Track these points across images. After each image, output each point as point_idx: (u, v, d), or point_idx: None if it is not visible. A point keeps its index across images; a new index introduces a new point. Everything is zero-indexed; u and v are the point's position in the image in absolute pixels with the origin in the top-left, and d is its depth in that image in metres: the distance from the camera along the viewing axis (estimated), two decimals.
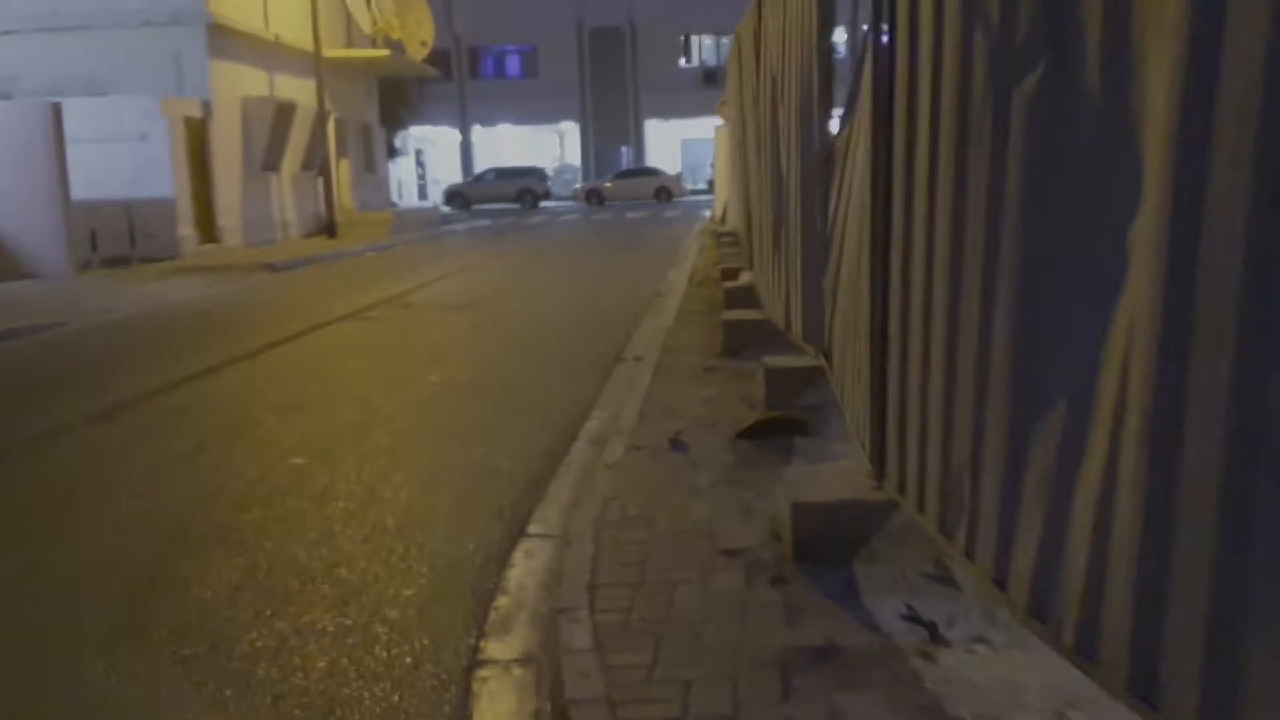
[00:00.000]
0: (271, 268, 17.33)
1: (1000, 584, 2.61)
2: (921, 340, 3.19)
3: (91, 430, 6.54)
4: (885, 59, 3.49)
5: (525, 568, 3.91)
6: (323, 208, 24.23)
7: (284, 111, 22.77)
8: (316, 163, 24.17)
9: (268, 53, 22.89)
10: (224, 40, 20.82)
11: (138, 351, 9.76)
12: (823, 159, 5.46)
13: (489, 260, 19.16)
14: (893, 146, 3.45)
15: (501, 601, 3.61)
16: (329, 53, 24.59)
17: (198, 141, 20.13)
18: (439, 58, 35.25)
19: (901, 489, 3.41)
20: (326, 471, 5.42)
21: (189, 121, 19.74)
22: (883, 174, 3.55)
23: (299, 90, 23.92)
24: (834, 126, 5.48)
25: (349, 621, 3.56)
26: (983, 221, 2.72)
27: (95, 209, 17.29)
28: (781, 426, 5.17)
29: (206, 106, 20.27)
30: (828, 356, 5.38)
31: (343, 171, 27.32)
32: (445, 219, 33.61)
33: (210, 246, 20.09)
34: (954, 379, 2.94)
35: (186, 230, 19.41)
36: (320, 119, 23.68)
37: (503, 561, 4.00)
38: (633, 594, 3.45)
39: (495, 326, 10.58)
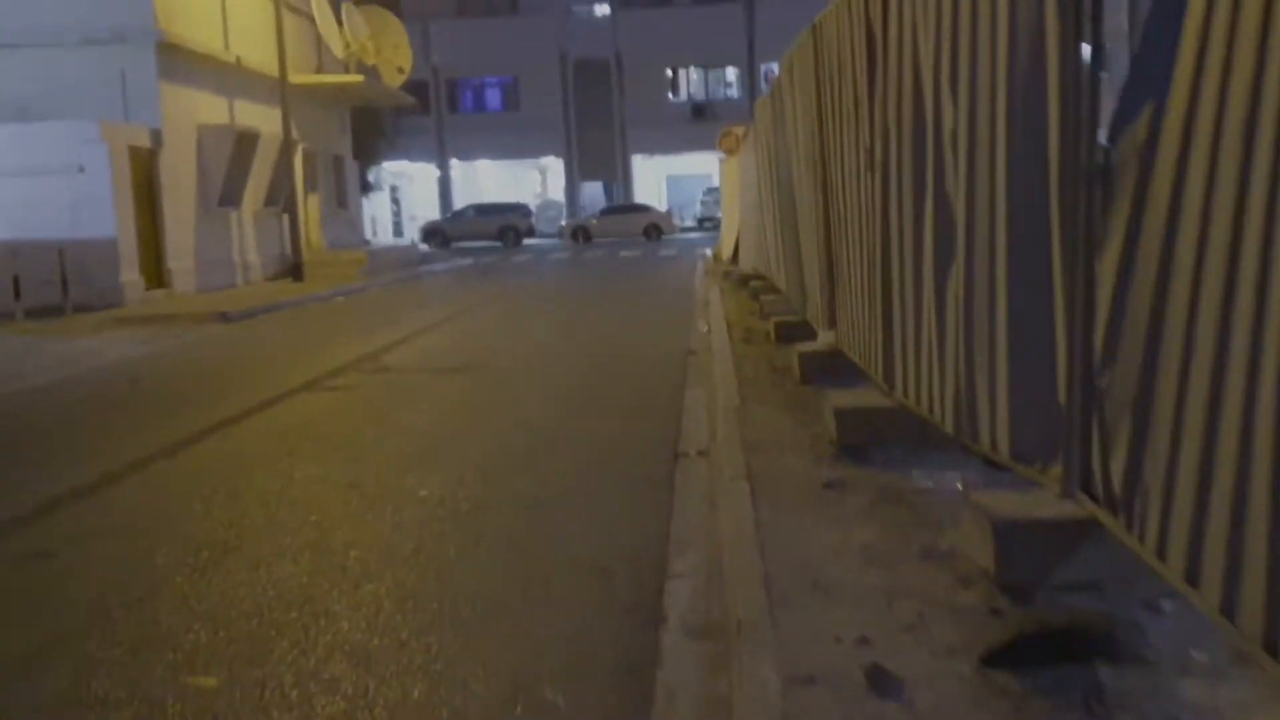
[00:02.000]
0: (225, 318, 14.97)
1: None
2: None
3: None
4: None
5: None
6: (288, 248, 21.86)
7: (245, 141, 20.41)
8: (281, 198, 21.81)
9: (228, 76, 20.58)
10: (177, 62, 18.50)
11: (19, 445, 7.36)
12: (1084, 181, 3.26)
13: (478, 306, 16.83)
14: None
15: None
16: (297, 78, 22.33)
17: (145, 174, 17.71)
18: (416, 89, 33.06)
19: None
20: (249, 710, 3.10)
21: (135, 151, 17.32)
22: None
23: (263, 119, 21.59)
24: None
25: None
26: None
27: (19, 249, 14.95)
28: (1060, 642, 2.90)
29: (156, 134, 17.89)
30: (1113, 503, 3.14)
31: (312, 207, 24.96)
32: (424, 258, 31.25)
33: (159, 293, 17.65)
34: None
35: (130, 274, 16.94)
36: (286, 150, 21.36)
37: None
38: None
39: (498, 399, 8.28)
